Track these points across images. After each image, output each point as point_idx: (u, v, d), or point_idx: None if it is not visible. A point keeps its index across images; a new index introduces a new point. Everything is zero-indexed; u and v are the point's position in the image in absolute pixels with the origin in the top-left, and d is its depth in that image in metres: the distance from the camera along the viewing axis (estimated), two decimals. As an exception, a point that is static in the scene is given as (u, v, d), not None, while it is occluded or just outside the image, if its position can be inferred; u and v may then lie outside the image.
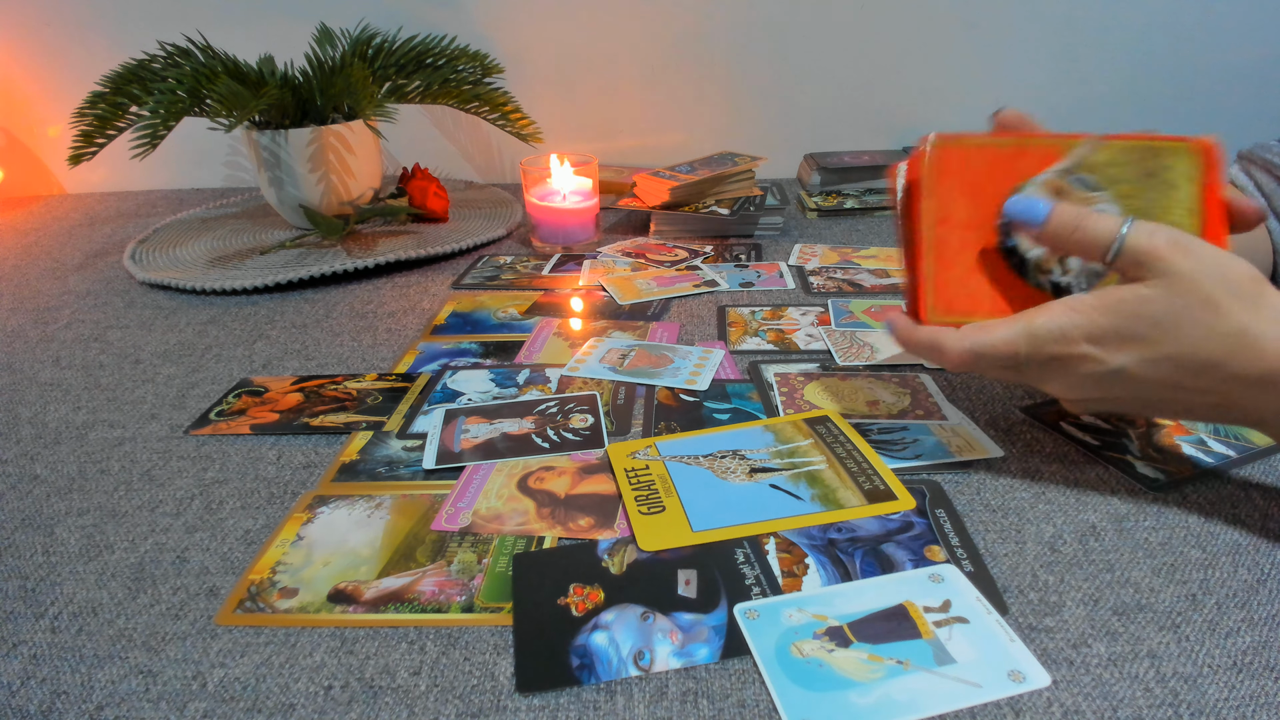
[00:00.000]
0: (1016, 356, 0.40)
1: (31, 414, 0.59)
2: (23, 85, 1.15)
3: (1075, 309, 0.39)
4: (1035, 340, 0.39)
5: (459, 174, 1.21)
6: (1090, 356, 0.39)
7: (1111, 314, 0.38)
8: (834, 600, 0.38)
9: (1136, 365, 0.38)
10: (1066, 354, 0.39)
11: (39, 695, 0.35)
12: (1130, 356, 0.38)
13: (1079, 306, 0.39)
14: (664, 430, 0.53)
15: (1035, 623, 0.37)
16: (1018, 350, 0.40)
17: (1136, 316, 0.38)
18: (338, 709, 0.34)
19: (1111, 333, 0.38)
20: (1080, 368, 0.39)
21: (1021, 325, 0.40)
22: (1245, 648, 0.35)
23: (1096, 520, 0.43)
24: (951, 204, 0.44)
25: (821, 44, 1.11)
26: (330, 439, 0.53)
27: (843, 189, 1.03)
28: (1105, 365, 0.39)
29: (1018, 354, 0.40)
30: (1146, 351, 0.38)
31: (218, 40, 0.89)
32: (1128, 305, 0.38)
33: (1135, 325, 0.38)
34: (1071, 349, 0.39)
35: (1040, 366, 0.40)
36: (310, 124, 0.88)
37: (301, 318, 0.73)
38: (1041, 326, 0.39)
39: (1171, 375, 0.38)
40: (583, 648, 0.36)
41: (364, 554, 0.42)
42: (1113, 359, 0.38)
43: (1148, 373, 0.38)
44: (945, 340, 0.42)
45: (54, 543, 0.45)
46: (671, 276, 0.79)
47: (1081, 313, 0.39)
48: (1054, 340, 0.39)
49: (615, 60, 1.13)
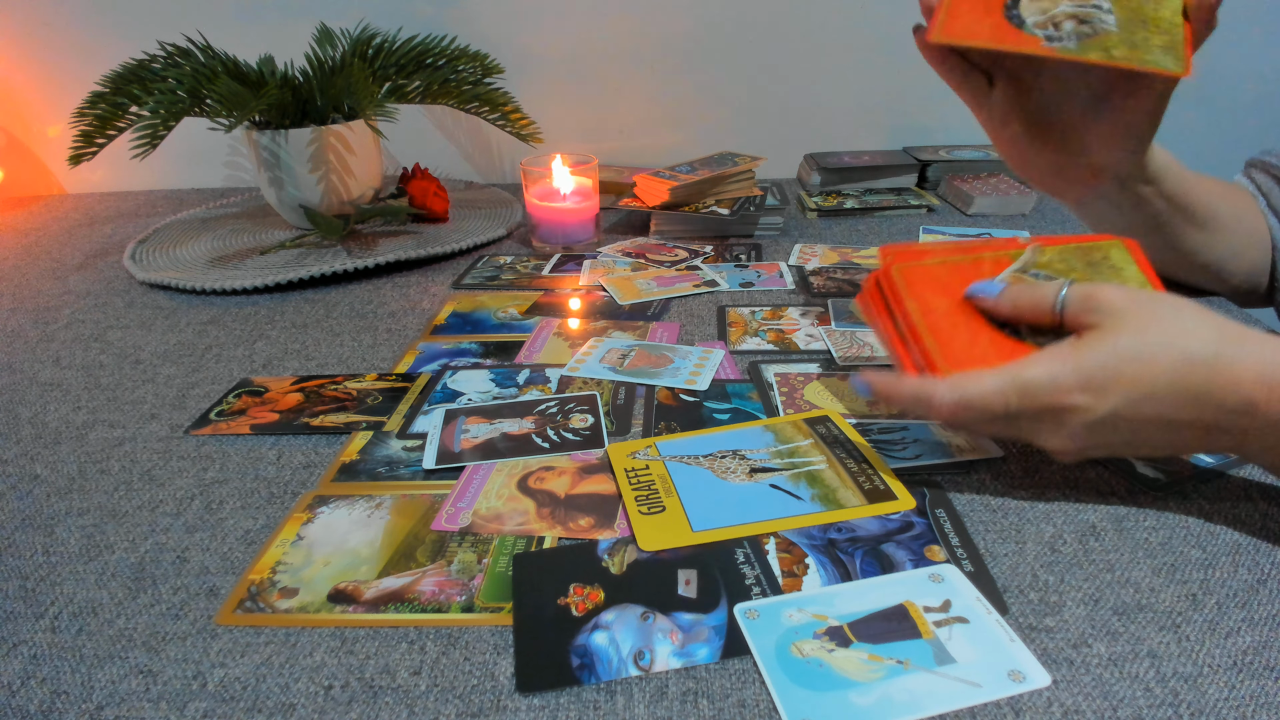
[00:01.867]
0: (1008, 408, 0.40)
1: (31, 414, 0.59)
2: (23, 85, 1.15)
3: (1058, 357, 0.39)
4: (1027, 391, 0.39)
5: (459, 174, 1.21)
6: (1081, 406, 0.39)
7: (1095, 357, 0.39)
8: (834, 600, 0.38)
9: (1126, 407, 0.38)
10: (1058, 404, 0.39)
11: (39, 695, 0.35)
12: (1118, 399, 0.38)
13: (1060, 355, 0.39)
14: (664, 430, 0.53)
15: (1035, 622, 0.37)
16: (1009, 402, 0.39)
17: (1117, 355, 0.38)
18: (338, 709, 0.34)
19: (1099, 377, 0.38)
20: (1073, 418, 0.39)
21: (1011, 376, 0.39)
22: (1245, 648, 0.35)
23: (1096, 520, 0.43)
24: (931, 301, 0.46)
25: (821, 44, 1.11)
26: (330, 439, 0.53)
27: (843, 189, 1.03)
28: (1096, 412, 0.39)
29: (1009, 405, 0.39)
30: (1133, 391, 0.38)
31: (218, 40, 0.89)
32: (1106, 345, 0.39)
33: (1119, 365, 0.38)
34: (1063, 399, 0.39)
35: (1032, 419, 0.40)
36: (310, 124, 0.88)
37: (301, 318, 0.73)
38: (1032, 377, 0.39)
39: (1160, 411, 0.38)
40: (583, 648, 0.36)
41: (364, 554, 0.42)
42: (1103, 404, 0.38)
43: (1138, 412, 0.38)
44: (934, 391, 0.41)
45: (54, 543, 0.45)
46: (671, 276, 0.79)
47: (1067, 360, 0.39)
48: (1045, 390, 0.39)
49: (615, 60, 1.13)
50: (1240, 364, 0.37)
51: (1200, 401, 0.38)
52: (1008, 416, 0.40)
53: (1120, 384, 0.38)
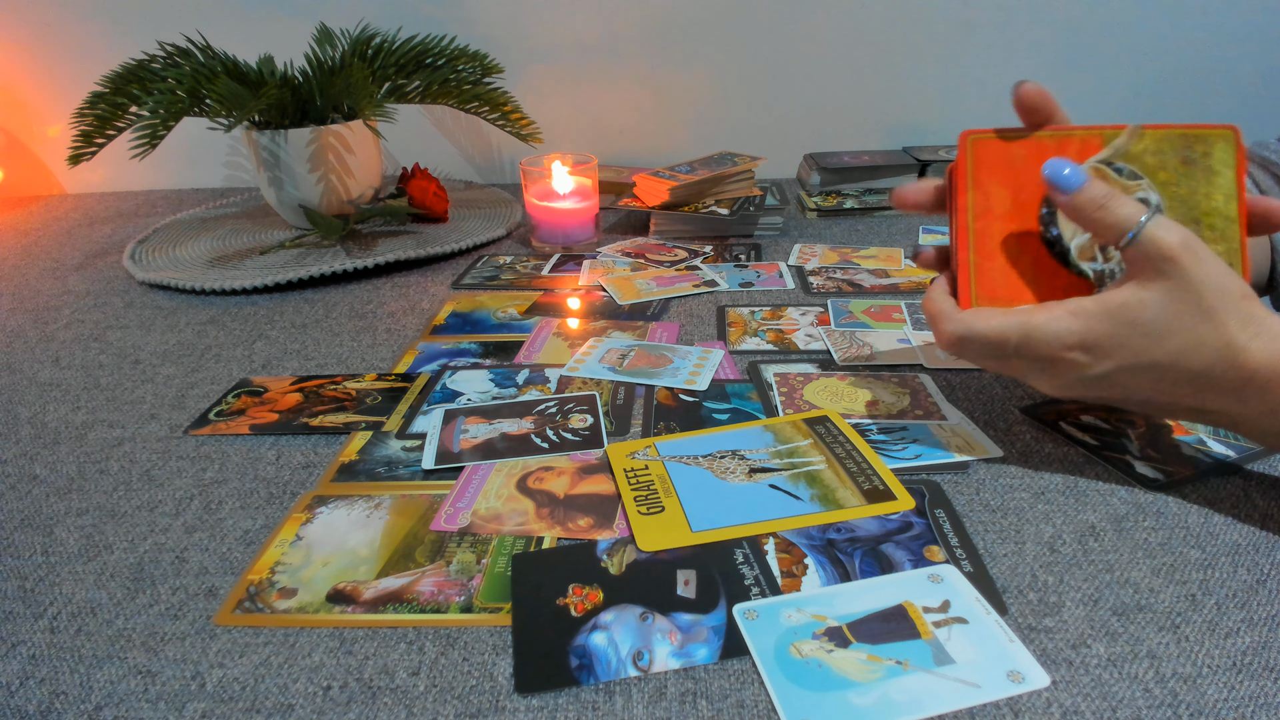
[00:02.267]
0: (1005, 346, 0.41)
1: (31, 414, 0.59)
2: (23, 85, 1.15)
3: (1077, 314, 0.40)
4: (1029, 338, 0.40)
5: (459, 174, 1.21)
6: (1077, 362, 0.40)
7: (1109, 320, 0.39)
8: (833, 600, 0.38)
9: (1120, 373, 0.39)
10: (1055, 356, 0.40)
11: (38, 695, 0.35)
12: (1116, 364, 0.39)
13: (1080, 312, 0.40)
14: (663, 430, 0.53)
15: (1034, 623, 0.37)
16: (1006, 340, 0.40)
17: (1132, 324, 0.38)
18: (336, 709, 0.34)
19: (1104, 340, 0.39)
20: (1067, 371, 0.41)
21: (1019, 320, 0.40)
22: (1245, 648, 0.35)
23: (1096, 520, 0.43)
24: (993, 196, 0.44)
25: (821, 44, 1.11)
26: (329, 439, 0.53)
27: (842, 189, 1.03)
28: (1092, 370, 0.40)
29: (1006, 344, 0.41)
30: (1133, 359, 0.39)
31: (218, 40, 0.89)
32: (1128, 311, 0.39)
33: (1129, 333, 0.38)
34: (1062, 353, 0.40)
35: (1027, 362, 0.41)
36: (310, 124, 0.88)
37: (301, 318, 0.73)
38: (1039, 327, 0.40)
39: (1154, 383, 0.39)
40: (582, 648, 0.36)
41: (363, 554, 0.42)
42: (1098, 366, 0.40)
43: (1131, 380, 0.40)
44: (946, 314, 0.43)
45: (53, 543, 0.45)
46: (671, 276, 0.79)
47: (1080, 318, 0.39)
48: (1047, 342, 0.40)
49: (615, 60, 1.13)
50: (1248, 352, 0.37)
51: (1197, 382, 0.38)
52: (1003, 355, 0.41)
53: (1122, 351, 0.39)
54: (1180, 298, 0.38)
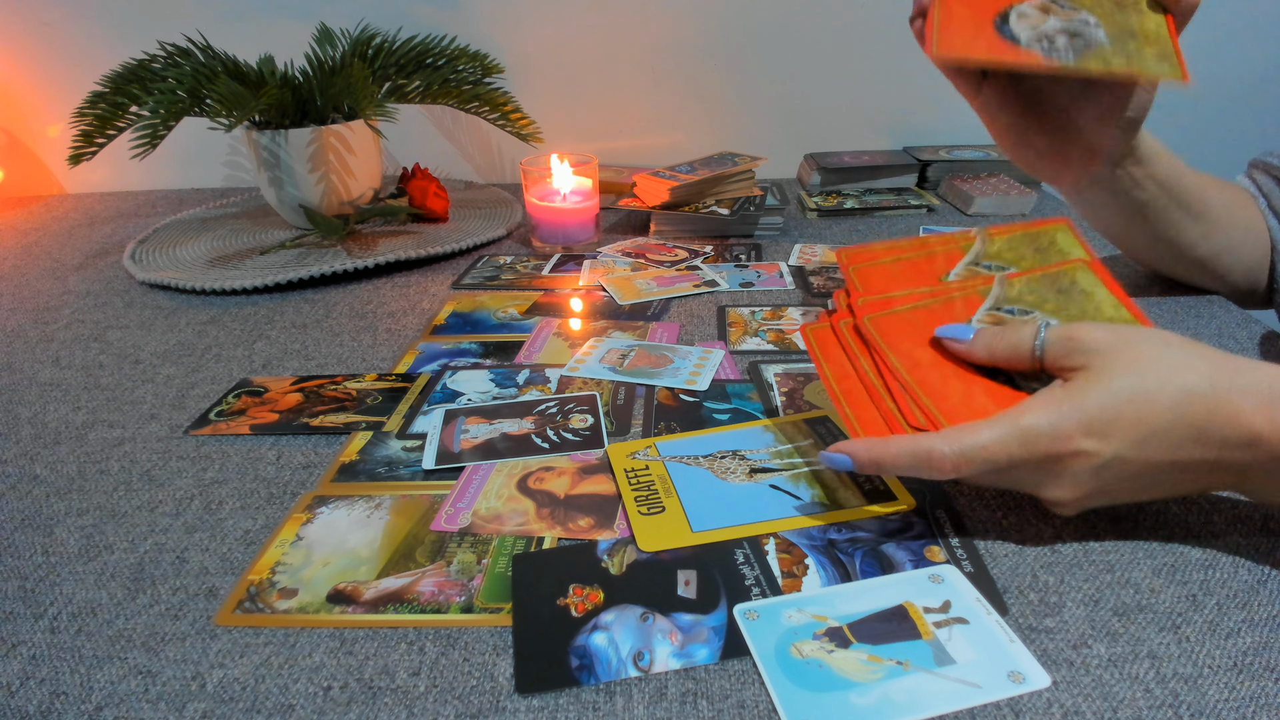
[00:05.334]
0: (1011, 458, 0.37)
1: (31, 414, 0.58)
2: (23, 85, 1.15)
3: (1060, 401, 0.37)
4: (1028, 439, 0.37)
5: (459, 174, 1.21)
6: (1085, 451, 0.37)
7: (1093, 398, 0.37)
8: (834, 601, 0.38)
9: (1129, 449, 0.37)
10: (1061, 451, 0.37)
11: (38, 695, 0.35)
12: (1122, 441, 0.37)
13: (1061, 399, 0.37)
14: (664, 430, 0.53)
15: (1035, 623, 0.37)
16: (1011, 452, 0.37)
17: (1114, 394, 0.37)
18: (337, 710, 0.34)
19: (1100, 419, 0.37)
20: (1077, 463, 0.37)
21: (1009, 424, 0.37)
22: (1246, 648, 0.35)
23: (1096, 520, 0.43)
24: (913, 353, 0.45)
25: (821, 44, 1.11)
26: (330, 439, 0.53)
27: (843, 189, 1.03)
28: (1101, 456, 0.37)
29: (1011, 455, 0.37)
30: (1135, 432, 0.36)
31: (218, 40, 0.88)
32: (1101, 385, 0.37)
33: (1117, 405, 0.37)
34: (1066, 445, 0.37)
35: (1034, 469, 0.38)
36: (310, 124, 0.88)
37: (301, 318, 0.73)
38: (1032, 424, 0.37)
39: (1161, 452, 0.37)
40: (582, 648, 0.36)
41: (363, 554, 0.42)
42: (1108, 447, 0.37)
43: (1140, 454, 0.37)
44: (932, 446, 0.38)
45: (53, 543, 0.45)
46: (671, 276, 0.79)
47: (1066, 404, 0.37)
48: (1047, 437, 0.37)
49: (615, 60, 1.13)
50: (1239, 394, 0.36)
51: (1203, 437, 0.36)
52: (1010, 467, 0.38)
53: (1122, 425, 0.36)
54: (1134, 361, 0.37)
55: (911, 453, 0.39)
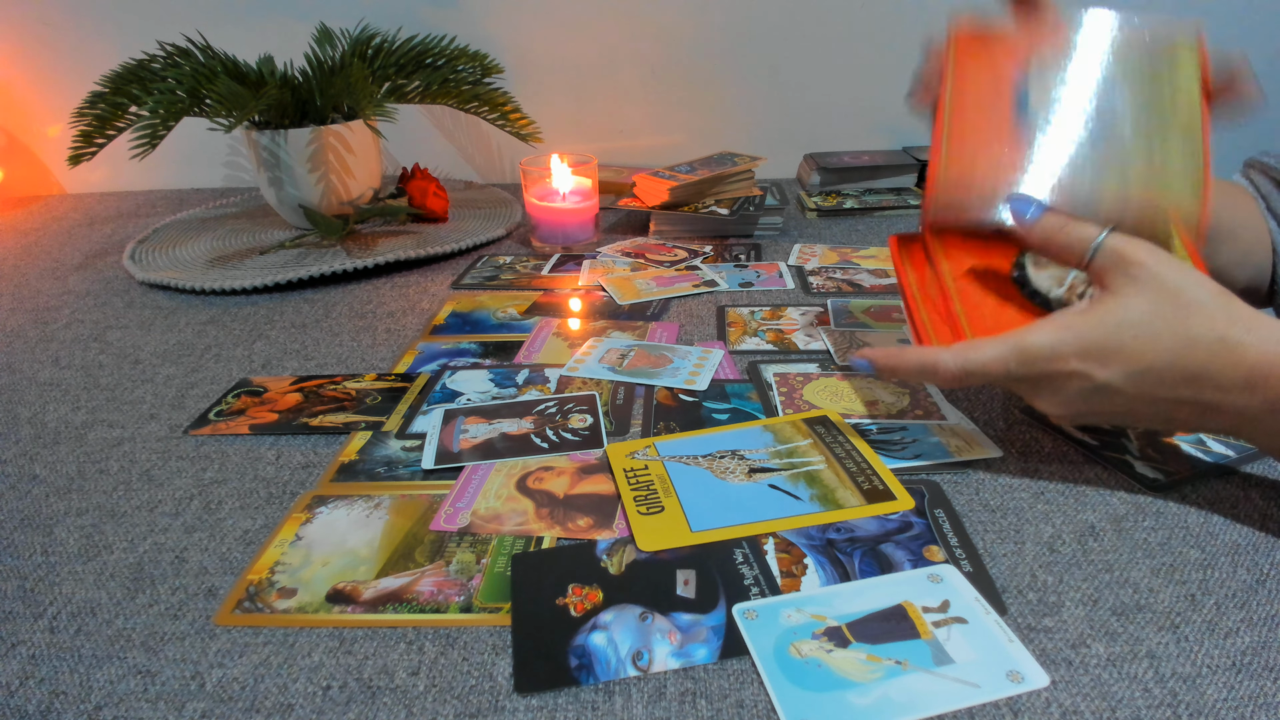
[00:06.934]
0: (1008, 374, 0.41)
1: (31, 414, 0.59)
2: (23, 85, 1.15)
3: (1066, 326, 0.40)
4: (1026, 358, 0.40)
5: (459, 174, 1.21)
6: (1079, 373, 0.40)
7: (1098, 327, 0.39)
8: (833, 600, 0.38)
9: (1122, 380, 0.39)
10: (1056, 371, 0.40)
11: (37, 695, 0.35)
12: (1117, 371, 0.39)
13: (1068, 323, 0.40)
14: (663, 430, 0.53)
15: (1034, 623, 0.37)
16: (1008, 368, 0.41)
17: (1120, 326, 0.39)
18: (336, 709, 0.34)
19: (1099, 347, 0.39)
20: (1069, 385, 0.40)
21: (1012, 343, 0.41)
22: (1244, 648, 0.35)
23: (1095, 520, 0.43)
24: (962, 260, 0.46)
25: (821, 44, 1.11)
26: (329, 439, 0.53)
27: (842, 189, 1.03)
28: (1093, 381, 0.40)
29: (1009, 372, 0.41)
30: (1132, 365, 0.39)
31: (218, 40, 0.89)
32: (1113, 315, 0.39)
33: (1121, 337, 0.39)
34: (1061, 366, 0.40)
35: (1031, 383, 0.42)
36: (310, 124, 0.88)
37: (301, 318, 0.73)
38: (1032, 344, 0.40)
39: (1155, 388, 0.39)
40: (581, 648, 0.36)
41: (362, 554, 0.42)
42: (1100, 374, 0.39)
43: (1133, 386, 0.39)
44: (938, 359, 0.42)
45: (53, 543, 0.45)
46: (671, 276, 0.79)
47: (1071, 329, 0.40)
48: (1044, 358, 0.40)
49: (615, 60, 1.13)
50: (1245, 346, 0.37)
51: (1198, 381, 0.38)
52: (1008, 379, 0.42)
53: (1120, 356, 0.39)
54: (1158, 297, 0.39)
55: (919, 363, 0.43)
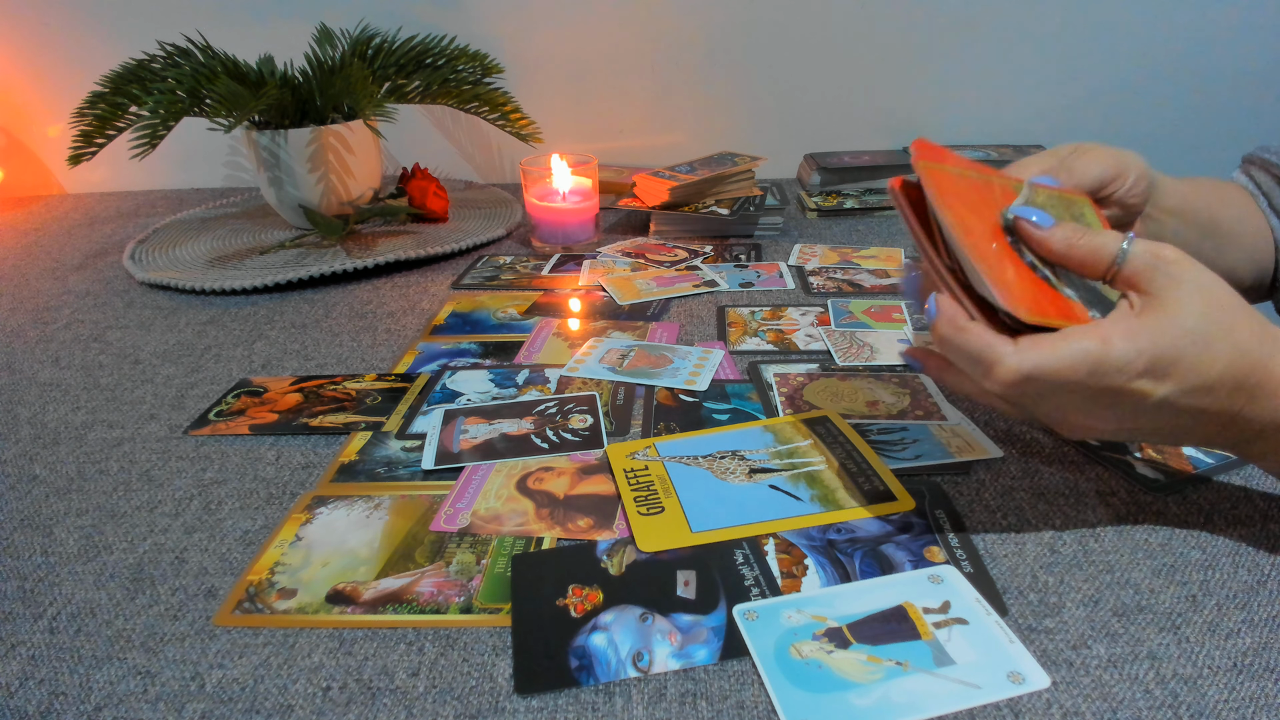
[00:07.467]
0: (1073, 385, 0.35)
1: (31, 414, 0.58)
2: (23, 85, 1.15)
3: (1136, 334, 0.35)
4: (1100, 369, 0.35)
5: (459, 174, 1.21)
6: (1141, 390, 0.35)
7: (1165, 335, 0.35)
8: (833, 601, 0.38)
9: (1179, 395, 0.36)
10: (1121, 386, 0.35)
11: (37, 696, 0.35)
12: (1175, 387, 0.36)
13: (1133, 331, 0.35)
14: (663, 431, 0.53)
15: (1035, 624, 0.37)
16: (1080, 378, 0.35)
17: (1181, 337, 0.35)
18: (336, 710, 0.34)
19: (1163, 359, 0.35)
20: (1127, 401, 0.36)
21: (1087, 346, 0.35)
22: (1245, 649, 0.35)
23: (1096, 521, 0.43)
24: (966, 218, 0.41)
25: (822, 44, 1.11)
26: (329, 439, 0.53)
27: (843, 189, 1.03)
28: (1151, 397, 0.36)
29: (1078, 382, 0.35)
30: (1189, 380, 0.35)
31: (218, 40, 0.88)
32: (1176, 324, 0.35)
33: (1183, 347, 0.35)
34: (1129, 383, 0.35)
35: (1088, 397, 0.36)
36: (310, 124, 0.88)
37: (301, 318, 0.73)
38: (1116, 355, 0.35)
39: (1206, 402, 0.36)
40: (581, 649, 0.36)
41: (362, 555, 0.42)
42: (1159, 389, 0.35)
43: (1186, 401, 0.36)
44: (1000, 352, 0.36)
45: (53, 543, 0.45)
46: (671, 277, 0.79)
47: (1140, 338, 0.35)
48: (1118, 370, 0.35)
49: (615, 60, 1.12)
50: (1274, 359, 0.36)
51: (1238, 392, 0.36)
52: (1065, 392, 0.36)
53: (1180, 369, 0.35)
54: (1206, 295, 0.36)
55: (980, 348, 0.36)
